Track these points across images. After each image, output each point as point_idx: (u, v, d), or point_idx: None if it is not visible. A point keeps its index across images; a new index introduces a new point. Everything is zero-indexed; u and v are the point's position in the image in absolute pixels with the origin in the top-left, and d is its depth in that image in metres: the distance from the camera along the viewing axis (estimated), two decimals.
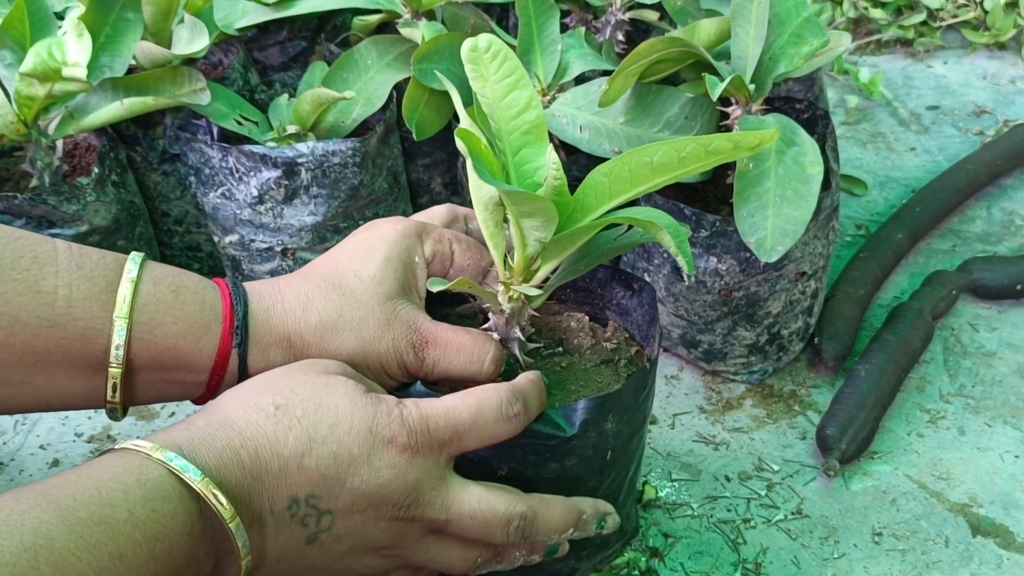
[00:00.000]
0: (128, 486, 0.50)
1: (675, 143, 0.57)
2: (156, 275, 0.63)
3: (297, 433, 0.56)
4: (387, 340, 0.65)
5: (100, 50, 0.90)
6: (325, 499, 0.56)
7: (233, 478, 0.54)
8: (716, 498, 0.83)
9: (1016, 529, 0.80)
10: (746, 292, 0.87)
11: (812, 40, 0.83)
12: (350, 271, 0.66)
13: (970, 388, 0.94)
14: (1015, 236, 1.14)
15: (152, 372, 0.63)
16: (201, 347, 0.63)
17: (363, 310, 0.65)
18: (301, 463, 0.55)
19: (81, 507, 0.48)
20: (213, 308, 0.63)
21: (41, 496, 0.48)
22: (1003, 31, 1.49)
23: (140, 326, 0.61)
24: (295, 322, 0.65)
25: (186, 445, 0.54)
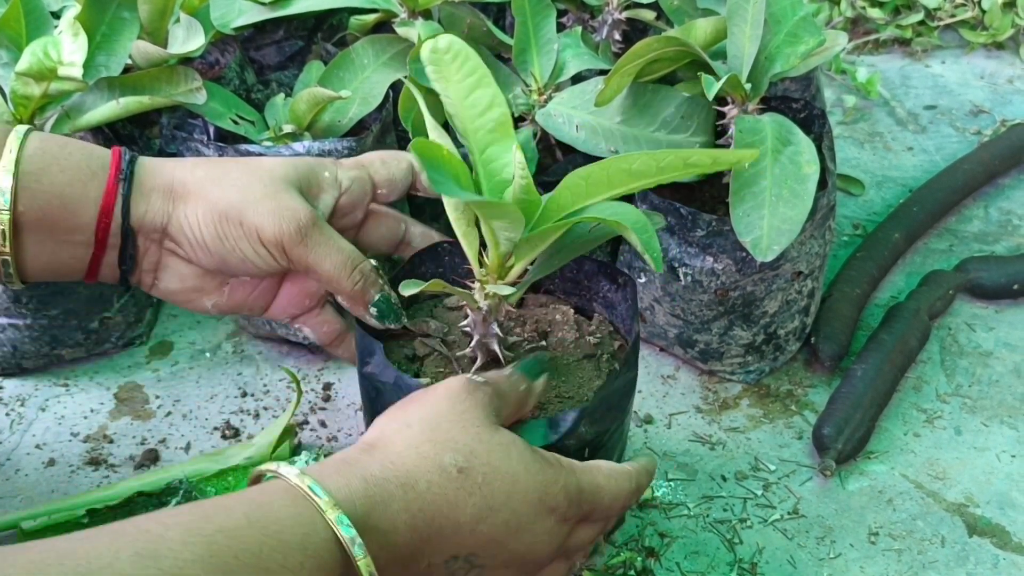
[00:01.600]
0: (290, 548, 0.49)
1: (654, 153, 0.58)
2: (44, 135, 0.66)
3: (476, 500, 0.56)
4: (270, 205, 0.66)
5: (96, 49, 0.90)
6: (483, 557, 0.57)
7: (402, 540, 0.54)
8: (712, 498, 0.83)
9: (1012, 529, 0.80)
10: (742, 292, 0.87)
11: (808, 39, 0.83)
12: (255, 158, 0.71)
13: (967, 388, 0.94)
14: (1012, 236, 1.13)
15: (40, 229, 0.64)
16: (87, 193, 0.65)
17: (252, 176, 0.67)
18: (475, 528, 0.56)
19: (241, 568, 0.47)
20: (100, 158, 0.66)
21: (207, 548, 0.47)
22: (1001, 31, 1.49)
23: (26, 176, 0.63)
24: (181, 171, 0.67)
25: (361, 504, 0.53)
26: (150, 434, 0.89)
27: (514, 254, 0.64)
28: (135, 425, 0.90)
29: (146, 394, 0.93)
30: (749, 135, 0.80)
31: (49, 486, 0.84)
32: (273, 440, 0.82)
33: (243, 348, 0.99)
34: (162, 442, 0.88)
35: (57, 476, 0.85)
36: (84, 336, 0.94)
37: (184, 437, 0.89)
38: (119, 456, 0.87)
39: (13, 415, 0.90)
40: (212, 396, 0.93)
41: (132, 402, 0.92)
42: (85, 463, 0.86)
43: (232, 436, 0.89)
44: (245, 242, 0.67)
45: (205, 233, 0.67)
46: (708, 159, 0.57)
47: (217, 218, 0.66)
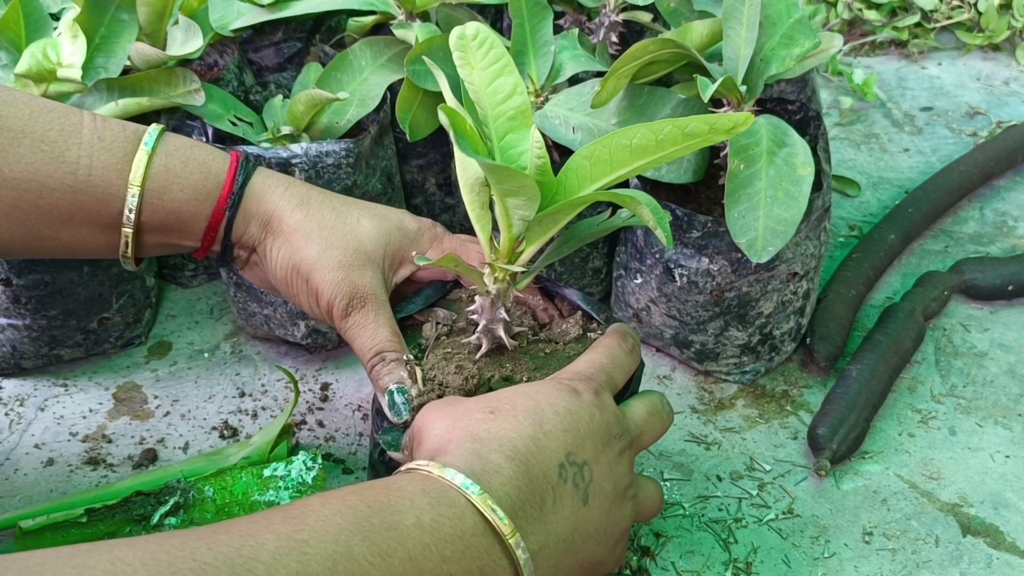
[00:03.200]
0: (414, 494, 0.55)
1: (652, 125, 0.59)
2: (170, 147, 0.72)
3: (523, 415, 0.61)
4: (336, 276, 0.71)
5: (95, 51, 0.90)
6: (578, 452, 0.61)
7: (511, 474, 0.58)
8: (708, 498, 0.84)
9: (1006, 529, 0.81)
10: (738, 293, 0.87)
11: (803, 42, 0.83)
12: (356, 213, 0.74)
13: (961, 388, 0.94)
14: (1007, 237, 1.14)
15: (158, 233, 0.73)
16: (200, 211, 0.72)
17: (339, 239, 0.72)
18: (545, 430, 0.60)
19: (374, 514, 0.53)
20: (217, 177, 0.72)
21: (341, 502, 0.54)
22: (997, 32, 1.50)
23: (151, 193, 0.71)
24: (283, 207, 0.73)
25: (461, 463, 0.58)
26: (149, 434, 0.89)
27: (525, 237, 0.66)
28: (134, 425, 0.90)
29: (145, 394, 0.94)
30: (744, 136, 0.81)
31: (48, 486, 0.84)
32: (271, 440, 0.83)
33: (241, 348, 0.99)
34: (160, 442, 0.89)
35: (56, 476, 0.85)
36: (83, 336, 0.94)
37: (182, 437, 0.89)
38: (118, 456, 0.87)
39: (12, 415, 0.91)
40: (210, 396, 0.93)
41: (131, 402, 0.93)
42: (84, 463, 0.86)
43: (230, 436, 0.89)
44: (305, 297, 0.73)
45: (278, 272, 0.74)
46: (705, 126, 0.58)
47: (291, 267, 0.73)
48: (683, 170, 0.87)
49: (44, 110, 0.70)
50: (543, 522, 0.58)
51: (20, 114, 0.69)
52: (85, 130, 0.70)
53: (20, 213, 0.69)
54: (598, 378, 0.65)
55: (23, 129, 0.69)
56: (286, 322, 0.94)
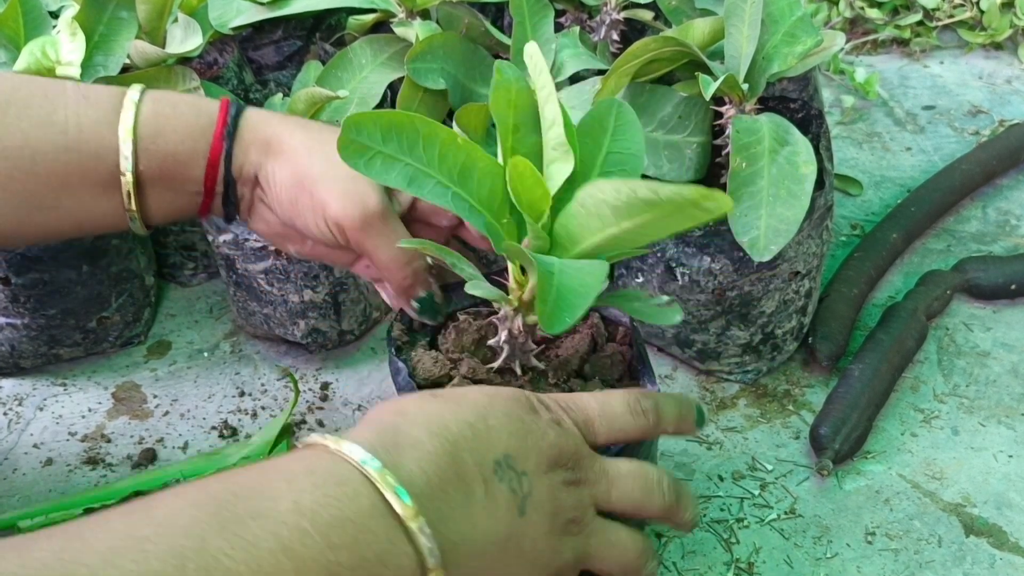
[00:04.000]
0: (295, 475, 0.49)
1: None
2: (156, 96, 0.71)
3: (467, 405, 0.56)
4: (345, 187, 0.69)
5: (94, 49, 0.90)
6: (519, 459, 0.56)
7: (432, 449, 0.53)
8: (709, 497, 0.83)
9: (1009, 529, 0.80)
10: (740, 291, 0.87)
11: (805, 39, 0.83)
12: None
13: (964, 388, 0.94)
14: (1010, 236, 1.14)
15: (159, 184, 0.71)
16: (197, 149, 0.71)
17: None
18: (487, 424, 0.56)
19: (239, 501, 0.46)
20: (209, 114, 0.71)
21: (201, 490, 0.48)
22: (999, 31, 1.49)
23: (144, 139, 0.70)
24: (282, 129, 0.72)
25: (370, 435, 0.53)
26: (148, 433, 0.89)
27: None
28: (133, 424, 0.90)
29: (144, 393, 0.93)
30: (746, 135, 0.80)
31: (47, 485, 0.84)
32: (271, 439, 0.83)
33: (241, 348, 0.99)
34: (160, 441, 0.88)
35: (55, 475, 0.85)
36: (82, 336, 0.94)
37: (182, 436, 0.89)
38: (117, 455, 0.87)
39: (11, 414, 0.91)
40: (210, 395, 0.93)
41: (130, 401, 0.93)
42: (83, 462, 0.86)
43: (230, 435, 0.89)
44: (311, 214, 0.71)
45: (282, 192, 0.72)
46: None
47: (295, 182, 0.70)
48: (685, 168, 0.86)
49: (25, 81, 0.71)
50: (469, 513, 0.53)
51: (2, 87, 0.69)
52: (69, 92, 0.70)
53: (17, 184, 0.68)
54: (570, 412, 0.61)
55: (7, 101, 0.68)
56: (286, 321, 0.94)
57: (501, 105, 0.62)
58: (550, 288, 0.55)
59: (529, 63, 0.63)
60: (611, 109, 0.64)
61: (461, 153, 0.61)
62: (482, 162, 0.62)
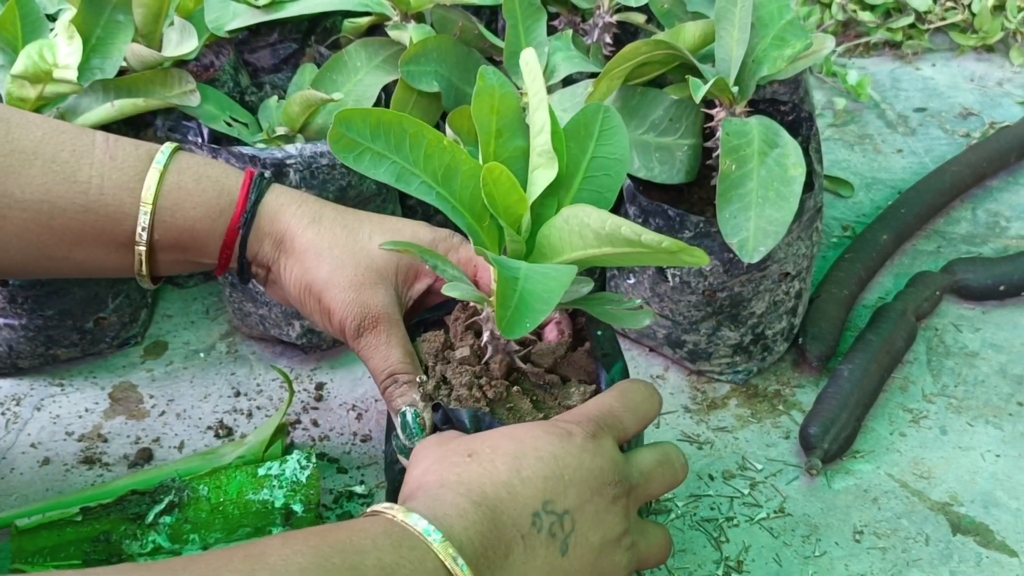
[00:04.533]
0: (377, 536, 0.54)
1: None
2: (182, 165, 0.72)
3: (501, 459, 0.59)
4: (348, 296, 0.71)
5: (91, 52, 0.91)
6: (558, 501, 0.59)
7: (474, 518, 0.56)
8: (700, 497, 0.84)
9: (996, 528, 0.81)
10: (730, 292, 0.88)
11: (794, 43, 0.84)
12: (368, 228, 0.74)
13: (952, 388, 0.95)
14: (999, 237, 1.15)
15: (173, 251, 0.73)
16: (214, 229, 0.72)
17: (350, 257, 0.72)
18: (521, 477, 0.59)
19: (335, 554, 0.52)
20: (230, 195, 0.73)
21: (303, 543, 0.53)
22: (990, 34, 1.50)
23: (163, 211, 0.71)
24: (295, 225, 0.73)
25: (424, 508, 0.57)
26: (144, 433, 0.90)
27: None
28: (129, 424, 0.91)
29: (140, 394, 0.94)
30: (736, 137, 0.81)
31: (44, 485, 0.85)
32: (266, 439, 0.83)
33: (237, 348, 0.99)
34: (156, 441, 0.89)
35: (52, 475, 0.86)
36: (79, 336, 0.95)
37: (178, 436, 0.90)
38: (113, 455, 0.88)
39: (8, 414, 0.91)
40: (206, 396, 0.94)
41: (126, 401, 0.93)
42: (80, 462, 0.87)
43: (225, 435, 0.90)
44: (318, 317, 0.73)
45: (291, 290, 0.74)
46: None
47: (304, 286, 0.73)
48: (676, 170, 0.87)
49: (56, 131, 0.71)
50: (508, 571, 0.57)
51: (32, 136, 0.69)
52: (97, 150, 0.71)
53: (32, 235, 0.70)
54: (601, 421, 0.63)
55: (35, 151, 0.69)
56: (281, 322, 0.95)
57: (484, 111, 0.63)
58: (512, 293, 0.56)
59: (525, 69, 0.64)
60: (597, 114, 0.65)
61: (446, 155, 0.62)
62: (466, 165, 0.63)
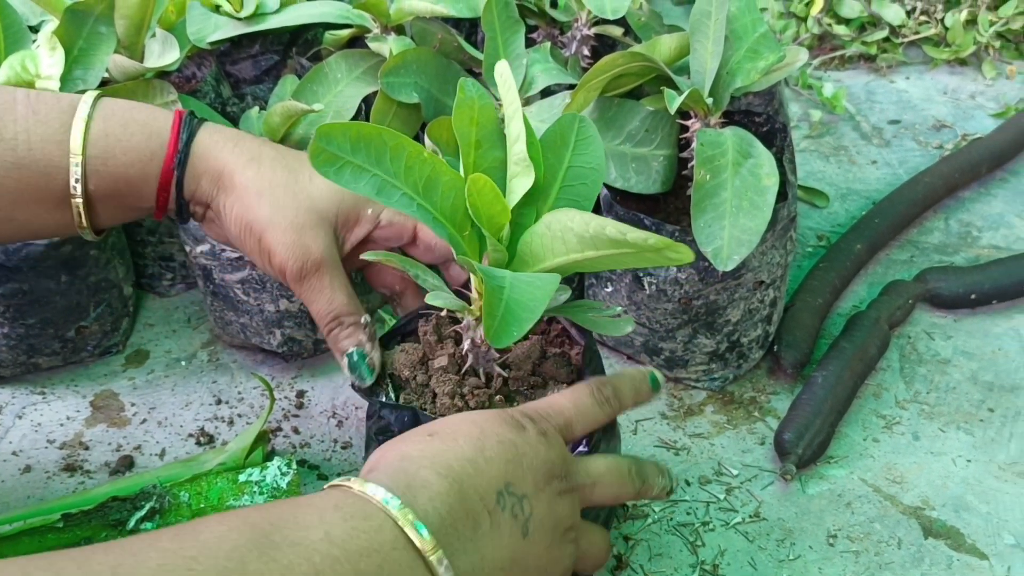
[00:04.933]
0: (324, 510, 0.53)
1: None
2: (107, 112, 0.71)
3: (464, 439, 0.59)
4: (289, 238, 0.71)
5: (73, 63, 0.91)
6: (518, 484, 0.59)
7: (441, 490, 0.56)
8: (676, 502, 0.85)
9: (967, 531, 0.83)
10: (705, 300, 0.89)
11: (768, 55, 0.85)
12: (311, 170, 0.71)
13: (925, 395, 0.96)
14: (971, 247, 1.16)
15: (110, 200, 0.72)
16: (148, 172, 0.72)
17: (291, 199, 0.72)
18: (485, 456, 0.58)
19: (275, 531, 0.50)
20: (160, 137, 0.72)
21: (241, 520, 0.51)
22: (963, 47, 1.53)
23: (93, 160, 0.70)
24: (232, 164, 0.72)
25: (385, 478, 0.56)
26: (125, 441, 0.90)
27: None
28: (111, 432, 0.91)
29: (122, 402, 0.95)
30: (710, 148, 0.82)
31: (25, 492, 0.85)
32: (246, 446, 0.84)
33: (218, 356, 1.00)
34: (137, 448, 0.90)
35: (33, 482, 0.86)
36: (61, 345, 0.95)
37: (159, 444, 0.90)
38: (95, 462, 0.88)
39: None
40: (187, 403, 0.95)
41: (108, 409, 0.94)
42: (61, 469, 0.87)
43: (207, 442, 0.90)
44: (258, 256, 0.73)
45: (232, 229, 0.74)
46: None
47: (244, 225, 0.72)
48: (652, 180, 0.89)
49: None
50: (477, 544, 0.56)
51: None
52: (19, 106, 0.69)
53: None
54: (552, 419, 0.64)
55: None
56: (262, 330, 0.96)
57: (464, 122, 0.64)
58: (499, 302, 0.57)
59: (499, 81, 0.65)
60: (573, 124, 0.66)
61: (426, 166, 0.63)
62: (446, 176, 0.64)
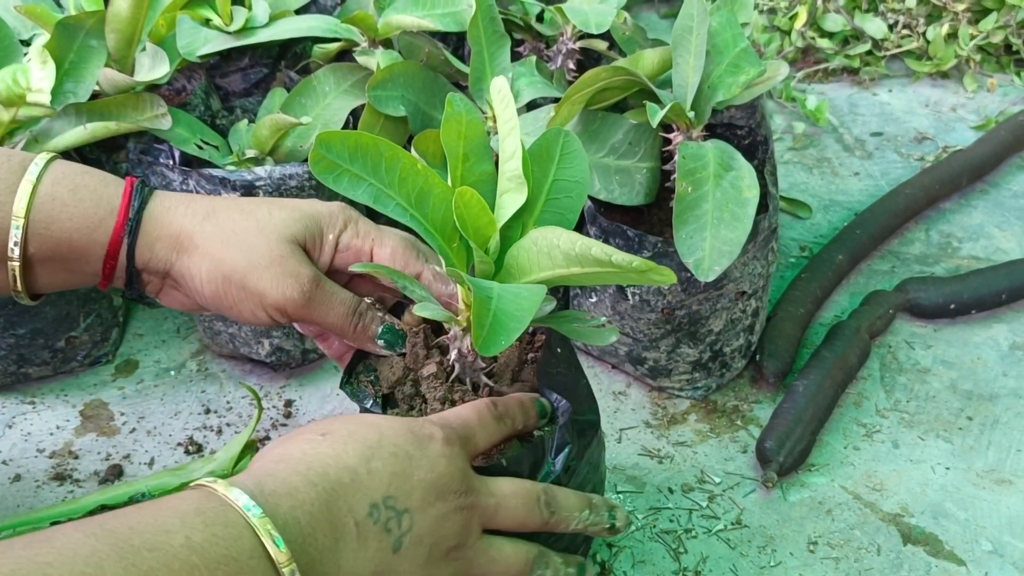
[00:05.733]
0: (186, 514, 0.51)
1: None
2: (57, 175, 0.69)
3: (354, 446, 0.58)
4: (274, 272, 0.69)
5: (64, 76, 0.92)
6: (400, 498, 0.58)
7: (307, 498, 0.55)
8: (659, 509, 0.86)
9: (945, 538, 0.84)
10: (688, 311, 0.90)
11: (748, 69, 0.87)
12: (266, 208, 0.71)
13: (905, 403, 0.98)
14: (951, 257, 1.18)
15: (50, 263, 0.69)
16: (94, 239, 0.69)
17: (259, 237, 0.69)
18: (369, 467, 0.58)
19: (135, 535, 0.49)
20: (110, 203, 0.69)
21: (99, 526, 0.49)
22: (944, 61, 1.54)
23: (36, 223, 0.67)
24: (189, 223, 0.70)
25: (252, 481, 0.55)
26: (115, 450, 0.91)
27: None
28: (100, 441, 0.92)
29: (111, 411, 0.96)
30: (692, 160, 0.84)
31: (15, 501, 0.86)
32: (235, 455, 0.85)
33: (207, 366, 1.01)
34: (126, 458, 0.90)
35: (23, 491, 0.87)
36: (51, 355, 0.96)
37: (148, 453, 0.91)
38: (84, 471, 0.89)
39: None
40: (176, 413, 0.95)
41: (97, 419, 0.95)
42: (51, 478, 0.88)
43: (195, 451, 0.91)
44: (247, 304, 0.70)
45: (206, 288, 0.70)
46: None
47: (220, 279, 0.69)
48: (635, 192, 0.90)
49: None
50: (336, 556, 0.55)
51: None
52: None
53: None
54: (460, 431, 0.63)
55: None
56: (251, 340, 0.97)
57: (452, 136, 0.65)
58: (487, 313, 0.58)
59: (496, 97, 0.66)
60: (558, 138, 0.67)
61: (420, 178, 0.65)
62: (438, 188, 0.65)
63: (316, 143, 0.62)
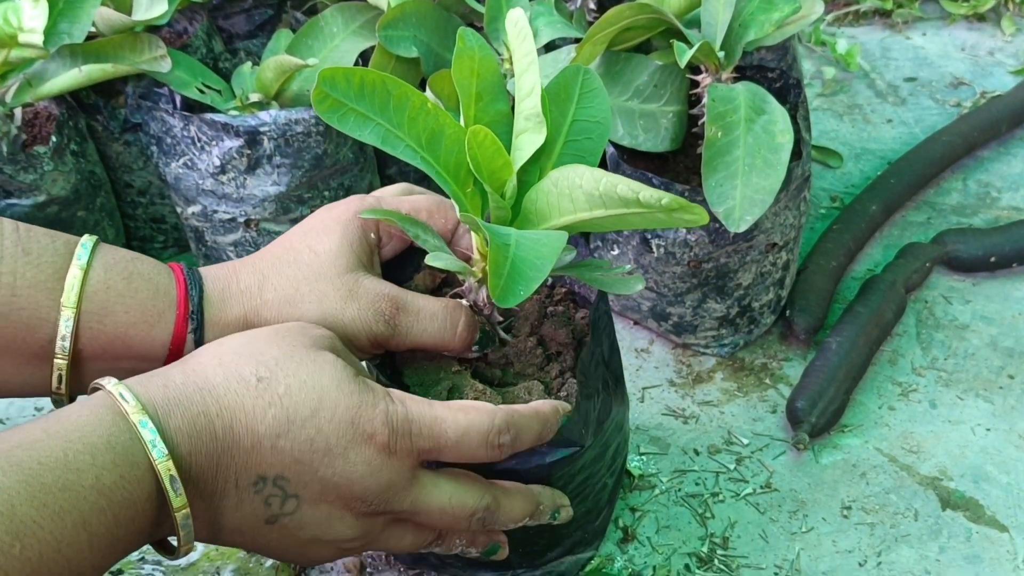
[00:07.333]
0: (97, 449, 0.49)
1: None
2: (108, 261, 0.61)
3: (276, 412, 0.54)
4: (352, 311, 0.63)
5: (58, 16, 0.88)
6: (294, 483, 0.55)
7: (204, 447, 0.53)
8: (685, 472, 0.83)
9: (986, 502, 0.80)
10: (716, 263, 0.86)
11: (782, 6, 0.81)
12: (305, 247, 0.65)
13: (943, 361, 0.93)
14: (990, 208, 1.13)
15: (102, 361, 0.61)
16: (154, 335, 0.61)
17: (322, 282, 0.63)
18: (276, 444, 0.54)
19: (46, 472, 0.47)
20: (167, 295, 0.61)
21: (5, 459, 0.47)
22: (982, 2, 1.48)
23: (89, 315, 0.59)
24: (251, 300, 0.63)
25: (162, 405, 0.52)
26: None
27: None
28: None
29: None
30: (722, 104, 0.79)
31: None
32: None
33: None
34: None
35: None
36: None
37: None
38: None
39: None
40: None
41: None
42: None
43: None
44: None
45: None
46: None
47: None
48: (661, 138, 0.85)
49: None
50: (219, 508, 0.54)
51: None
52: (6, 241, 0.59)
53: None
54: (420, 442, 0.56)
55: None
56: None
57: (464, 73, 0.60)
58: (505, 261, 0.53)
59: (513, 31, 0.61)
60: (577, 76, 0.62)
61: (431, 119, 0.60)
62: (450, 129, 0.60)
63: (319, 80, 0.57)
